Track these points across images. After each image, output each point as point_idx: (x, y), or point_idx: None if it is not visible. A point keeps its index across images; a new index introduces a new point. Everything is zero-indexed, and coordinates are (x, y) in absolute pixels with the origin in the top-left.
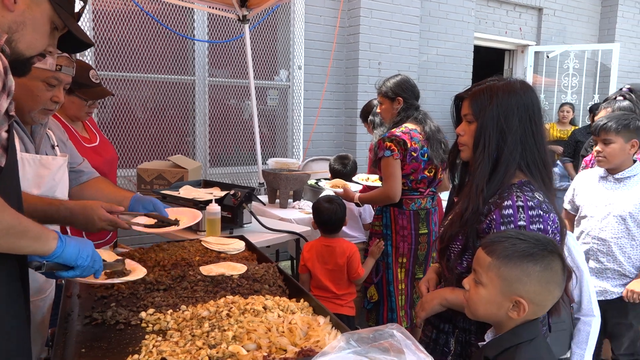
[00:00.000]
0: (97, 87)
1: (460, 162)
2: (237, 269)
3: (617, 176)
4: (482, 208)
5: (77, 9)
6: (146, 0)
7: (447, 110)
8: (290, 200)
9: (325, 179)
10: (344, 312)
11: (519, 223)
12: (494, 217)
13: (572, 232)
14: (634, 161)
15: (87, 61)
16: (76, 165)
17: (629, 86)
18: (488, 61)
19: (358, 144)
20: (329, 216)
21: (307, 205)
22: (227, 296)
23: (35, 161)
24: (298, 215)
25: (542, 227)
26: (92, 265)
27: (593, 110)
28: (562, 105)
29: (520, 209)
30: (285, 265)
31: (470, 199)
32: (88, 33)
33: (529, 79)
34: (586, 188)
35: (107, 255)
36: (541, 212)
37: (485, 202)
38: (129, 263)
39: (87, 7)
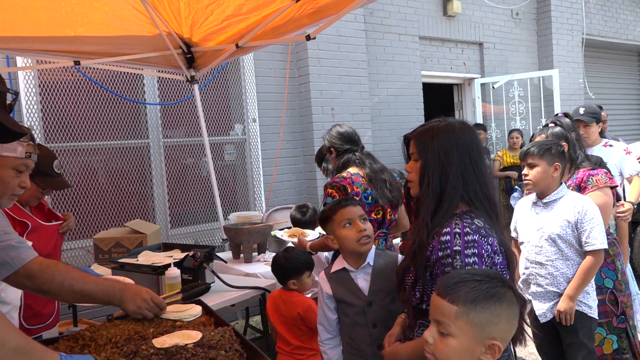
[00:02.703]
0: (57, 177)
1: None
2: (192, 337)
3: (544, 200)
4: (428, 239)
5: (8, 101)
6: (93, 70)
7: None
8: (255, 254)
9: (288, 227)
10: None
11: (455, 248)
12: (434, 244)
13: (519, 258)
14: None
15: (36, 134)
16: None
17: (562, 112)
18: (438, 96)
19: (319, 190)
20: (275, 265)
21: (272, 257)
22: None
23: None
24: (264, 268)
25: (476, 251)
26: None
27: None
28: (511, 132)
29: (457, 235)
30: (257, 321)
31: (418, 232)
32: (35, 107)
33: (479, 109)
34: (522, 215)
35: None
36: (477, 237)
37: (431, 234)
38: None
39: (33, 81)
